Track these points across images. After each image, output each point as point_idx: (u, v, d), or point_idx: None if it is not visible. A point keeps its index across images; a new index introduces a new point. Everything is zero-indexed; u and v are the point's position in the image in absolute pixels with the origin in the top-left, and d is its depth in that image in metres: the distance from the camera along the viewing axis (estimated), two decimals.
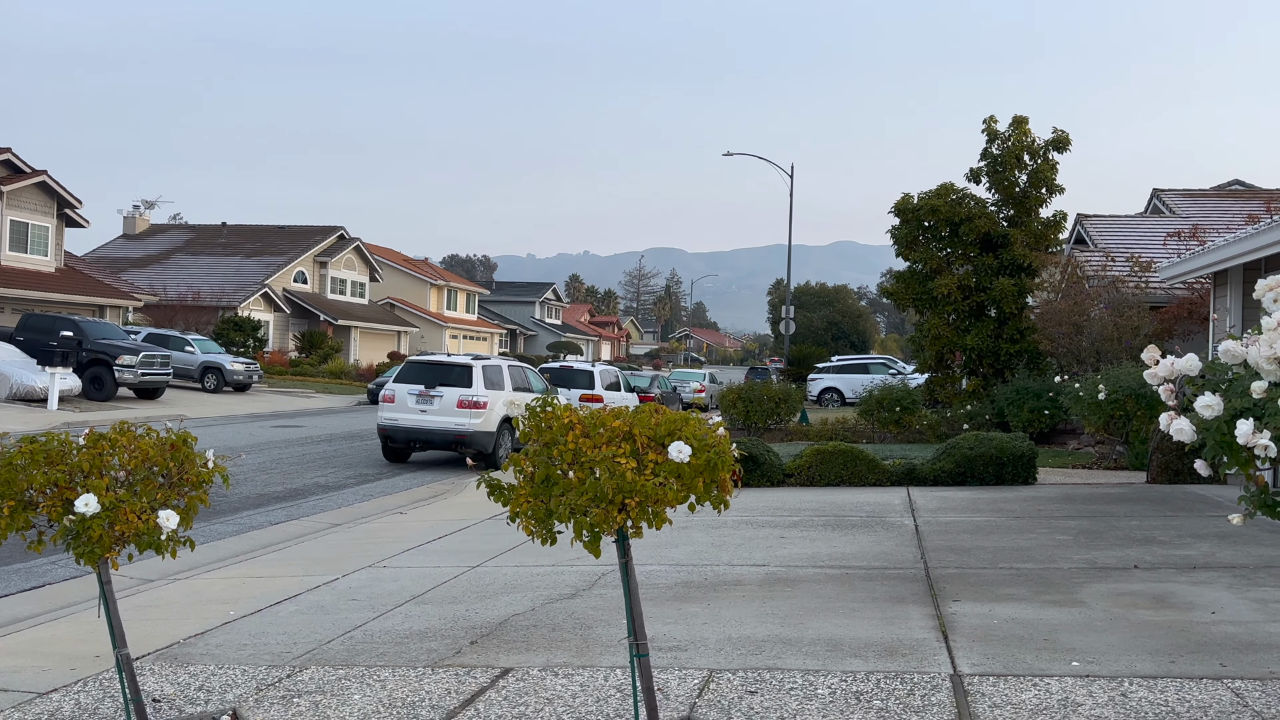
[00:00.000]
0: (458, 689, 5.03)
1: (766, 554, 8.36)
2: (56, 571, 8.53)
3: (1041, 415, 18.32)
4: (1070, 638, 5.64)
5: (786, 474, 13.05)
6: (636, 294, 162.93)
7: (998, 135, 22.97)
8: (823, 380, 36.94)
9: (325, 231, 54.48)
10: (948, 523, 9.83)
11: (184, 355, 33.33)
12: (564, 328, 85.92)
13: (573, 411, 4.00)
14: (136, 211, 57.17)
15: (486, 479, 4.04)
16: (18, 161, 33.21)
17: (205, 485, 4.12)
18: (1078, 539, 8.77)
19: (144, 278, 46.35)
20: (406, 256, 68.69)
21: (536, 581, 7.50)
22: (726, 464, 3.85)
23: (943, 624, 5.99)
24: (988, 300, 22.03)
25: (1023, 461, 12.83)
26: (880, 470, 12.91)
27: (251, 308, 46.22)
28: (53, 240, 34.78)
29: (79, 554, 3.87)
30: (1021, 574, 7.37)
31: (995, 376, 21.99)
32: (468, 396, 16.69)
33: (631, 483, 3.73)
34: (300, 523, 11.42)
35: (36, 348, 25.75)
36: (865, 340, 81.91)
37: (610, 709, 4.69)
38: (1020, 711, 4.48)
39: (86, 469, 3.87)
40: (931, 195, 22.84)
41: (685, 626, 6.07)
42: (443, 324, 61.69)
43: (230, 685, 5.19)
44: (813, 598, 6.76)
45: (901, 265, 24.37)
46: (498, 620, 6.39)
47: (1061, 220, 23.16)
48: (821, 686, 4.89)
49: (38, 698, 5.06)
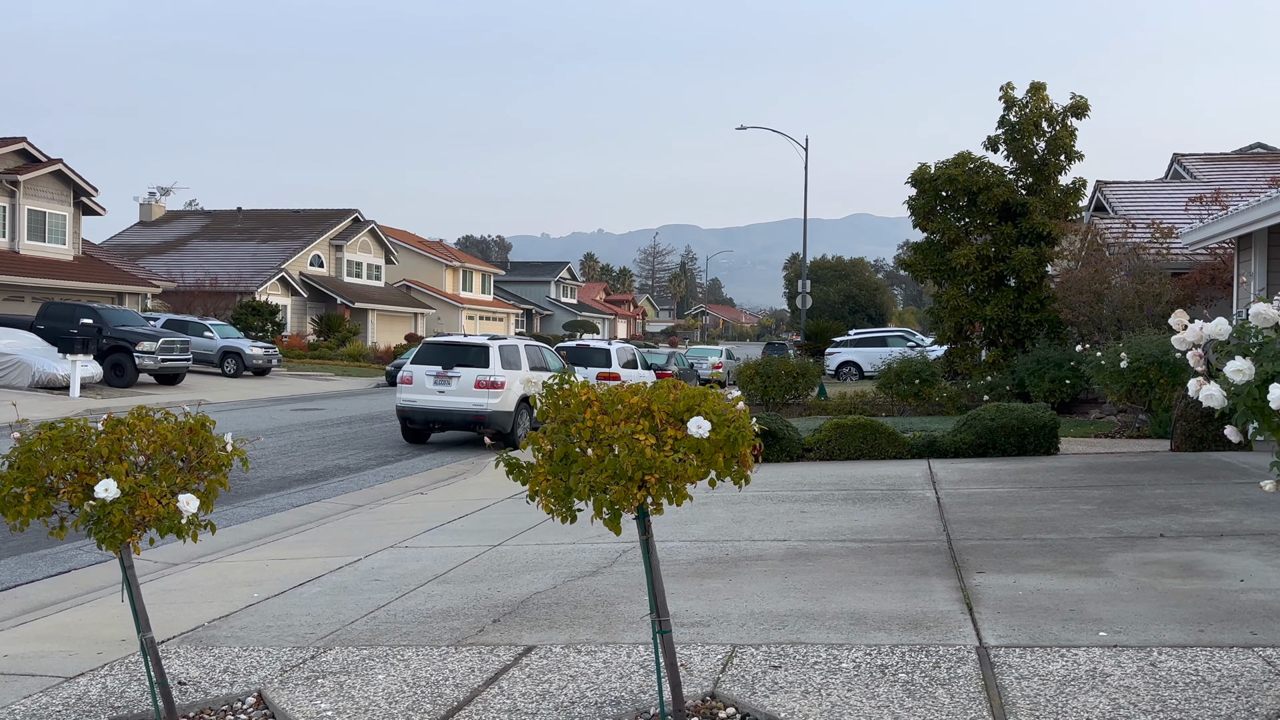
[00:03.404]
0: (481, 667, 5.04)
1: (787, 529, 8.33)
2: (81, 557, 8.60)
3: (1062, 385, 18.16)
4: (1097, 608, 5.58)
5: (805, 448, 13.00)
6: (651, 272, 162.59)
7: (1015, 102, 22.66)
8: (840, 354, 36.77)
9: (340, 215, 54.55)
10: (970, 494, 9.76)
11: (203, 340, 33.51)
12: (580, 307, 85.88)
13: (590, 389, 3.96)
14: (152, 198, 57.41)
15: (505, 458, 4.01)
16: (33, 151, 33.32)
17: (224, 468, 4.11)
18: (1102, 508, 8.69)
19: (161, 264, 46.59)
20: (421, 238, 68.73)
21: (557, 559, 7.50)
22: (747, 439, 3.80)
23: (967, 596, 5.95)
24: (1007, 270, 21.81)
25: (1044, 432, 12.73)
26: (900, 443, 12.84)
27: (269, 292, 46.41)
28: (70, 229, 34.96)
29: (100, 539, 3.88)
30: (1046, 545, 7.31)
31: (1015, 347, 21.80)
32: (485, 377, 16.70)
33: (651, 459, 3.69)
34: (322, 504, 11.48)
35: (57, 336, 25.94)
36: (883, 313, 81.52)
37: (634, 685, 4.68)
38: (1048, 683, 4.44)
39: (106, 454, 3.87)
40: (949, 165, 22.57)
41: (707, 602, 6.06)
42: (459, 305, 61.77)
43: (255, 667, 5.21)
44: (835, 571, 6.73)
45: (919, 236, 24.14)
46: (520, 598, 6.39)
47: (1081, 187, 22.86)
48: (846, 660, 4.86)
49: (65, 682, 5.10)
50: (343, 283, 52.63)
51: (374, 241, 56.35)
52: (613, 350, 22.99)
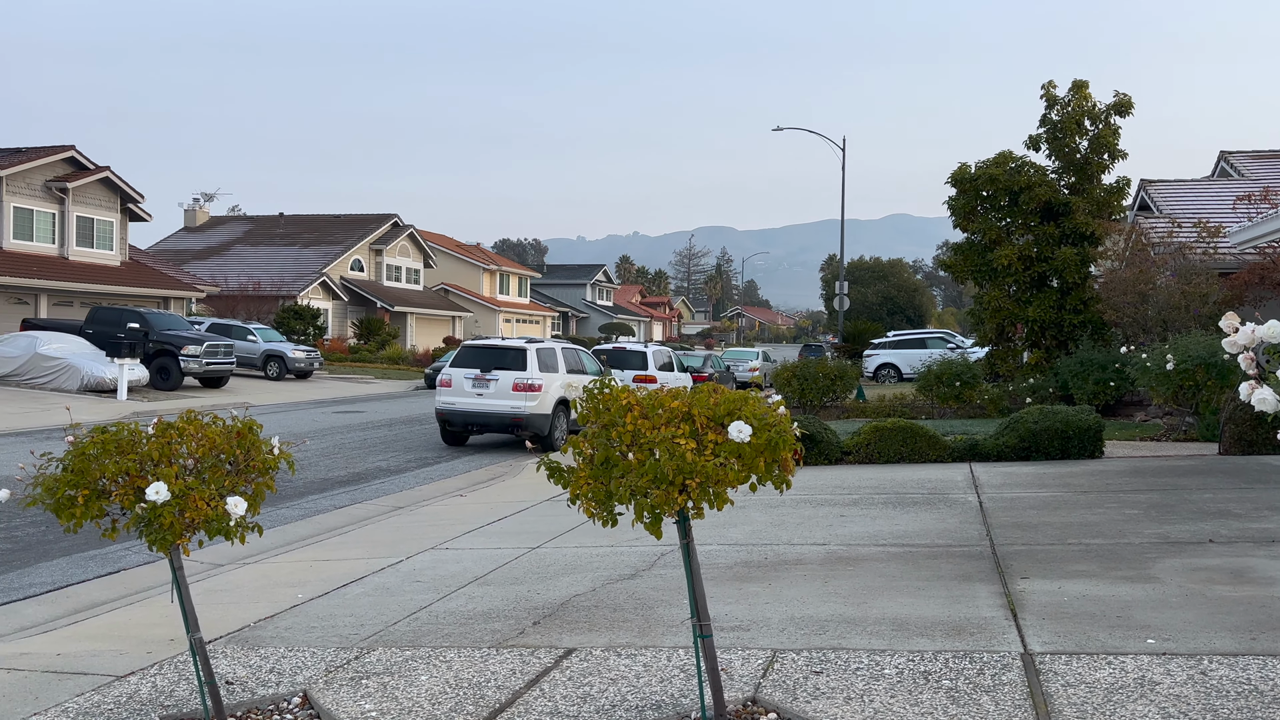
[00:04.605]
0: (522, 669, 5.06)
1: (827, 533, 8.28)
2: (130, 558, 8.76)
3: (1107, 387, 17.88)
4: (1145, 614, 5.49)
5: (844, 451, 12.92)
6: (687, 274, 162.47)
7: (1057, 101, 22.37)
8: (879, 356, 36.45)
9: (380, 220, 55.11)
10: (1013, 498, 9.64)
11: (246, 344, 34.00)
12: (615, 309, 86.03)
13: (631, 393, 3.97)
14: (196, 204, 58.41)
15: (546, 462, 4.03)
16: (82, 159, 34.03)
17: (271, 471, 4.17)
18: (1148, 513, 8.54)
19: (205, 269, 47.36)
20: (459, 242, 69.24)
21: (596, 562, 7.52)
22: (788, 443, 3.79)
23: (1011, 602, 5.88)
24: (1049, 270, 21.53)
25: (1089, 434, 12.53)
26: (941, 446, 12.71)
27: (310, 296, 47.00)
28: (117, 235, 35.65)
29: (151, 541, 3.95)
30: (1091, 550, 7.20)
31: (1058, 348, 21.50)
32: (523, 379, 16.79)
33: (692, 463, 3.69)
34: (363, 506, 11.60)
35: (105, 340, 26.48)
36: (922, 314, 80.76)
37: (674, 689, 4.68)
38: (1095, 690, 4.37)
39: (156, 457, 3.94)
40: (989, 164, 22.34)
41: (747, 606, 6.04)
42: (496, 308, 62.14)
43: (300, 667, 5.28)
44: (876, 576, 6.68)
45: (958, 237, 23.90)
46: (559, 601, 6.42)
47: (1125, 186, 22.50)
48: (888, 666, 4.83)
49: (116, 680, 5.20)
50: (382, 286, 53.17)
51: (413, 246, 56.86)
52: (649, 353, 23.00)
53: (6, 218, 31.42)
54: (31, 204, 32.32)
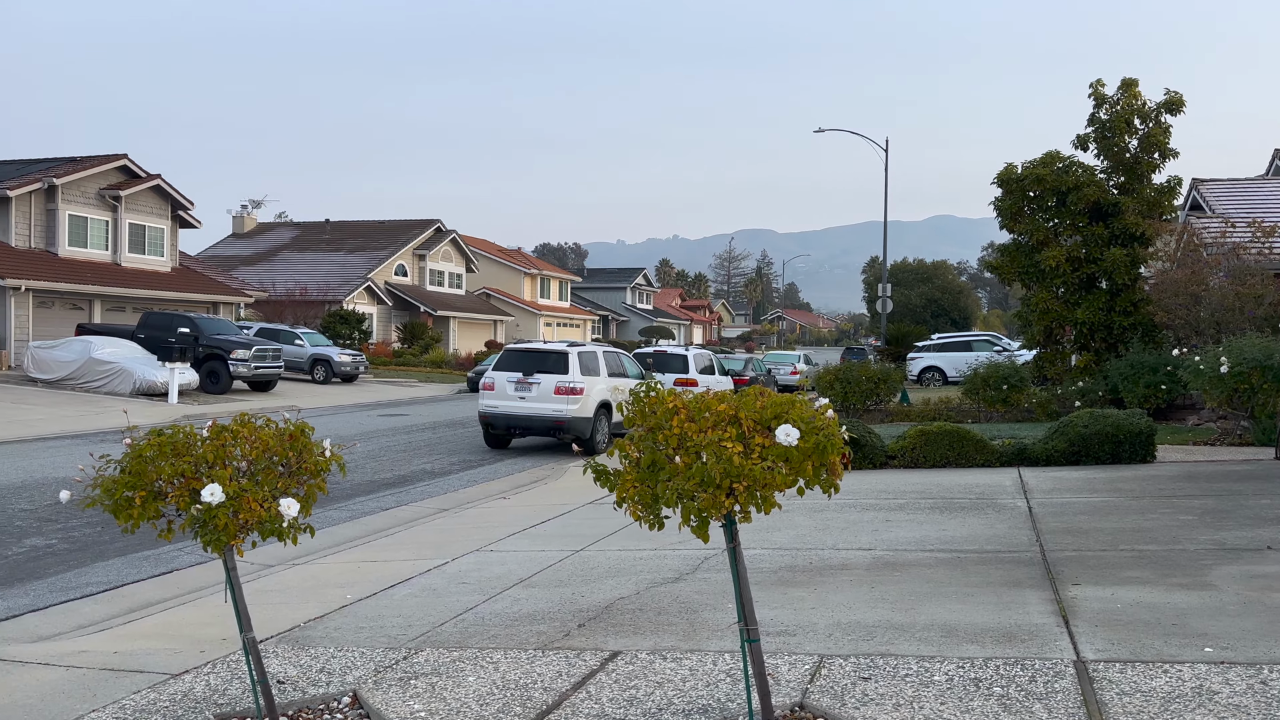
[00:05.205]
0: (568, 671, 5.08)
1: (872, 538, 8.21)
2: (182, 558, 8.92)
3: (1158, 390, 17.54)
4: (1201, 622, 5.38)
5: (889, 455, 12.80)
6: (727, 276, 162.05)
7: (1105, 99, 22.00)
8: (923, 359, 36.07)
9: (423, 225, 55.66)
10: (1063, 504, 9.49)
11: (294, 348, 34.51)
12: (655, 312, 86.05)
13: (677, 396, 3.97)
14: (244, 211, 59.55)
15: (593, 465, 4.04)
16: (134, 167, 34.77)
17: (323, 474, 4.23)
18: (1203, 519, 8.36)
19: (254, 275, 48.17)
20: (500, 246, 69.69)
21: (639, 565, 7.52)
22: (836, 447, 3.77)
23: (1062, 608, 5.78)
24: (1098, 272, 21.17)
25: (1141, 439, 12.31)
26: (988, 450, 12.55)
27: (355, 301, 47.59)
28: (168, 241, 36.37)
29: (206, 541, 4.02)
30: (1144, 556, 7.06)
31: (1108, 351, 21.13)
32: (565, 383, 16.85)
33: (739, 467, 3.68)
34: (409, 508, 11.72)
35: (156, 344, 27.00)
36: (967, 317, 79.81)
37: (721, 694, 4.66)
38: (1151, 700, 4.29)
39: (211, 460, 4.01)
40: (1036, 164, 22.03)
41: (792, 611, 6.00)
42: (537, 312, 62.45)
43: (350, 667, 5.34)
44: (923, 582, 6.61)
45: (1004, 238, 23.58)
46: (603, 603, 6.43)
47: (1176, 186, 22.05)
48: (938, 673, 4.77)
49: (171, 679, 5.30)
50: (425, 291, 53.68)
51: (455, 251, 57.34)
52: (690, 356, 22.96)
53: (62, 225, 32.20)
54: (85, 212, 33.09)
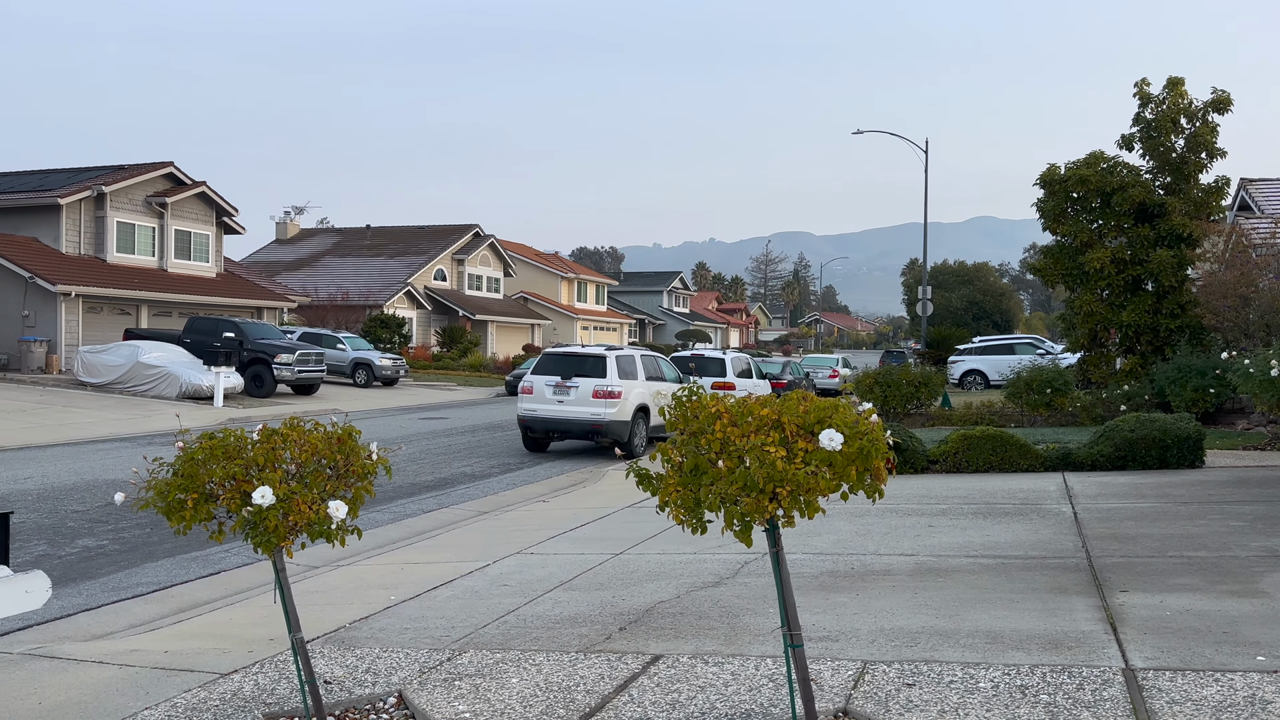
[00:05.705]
0: (610, 674, 5.10)
1: (915, 543, 8.15)
2: (230, 559, 9.07)
3: (1206, 394, 17.22)
4: (1253, 630, 5.28)
5: (931, 460, 12.69)
6: (764, 279, 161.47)
7: (1150, 99, 21.66)
8: (964, 362, 35.68)
9: (461, 230, 56.13)
10: (1109, 509, 9.35)
11: (336, 352, 34.95)
12: (692, 316, 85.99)
13: (719, 400, 3.97)
14: (287, 217, 60.25)
15: (635, 469, 4.06)
16: (180, 174, 35.44)
17: (370, 476, 4.28)
18: (1254, 525, 8.20)
19: (296, 280, 48.84)
20: (537, 251, 70.05)
21: (679, 569, 7.53)
22: (880, 451, 3.75)
23: (1110, 615, 5.70)
24: (1144, 274, 20.84)
25: (1189, 443, 12.09)
26: (1032, 455, 12.39)
27: (396, 305, 48.09)
28: (213, 247, 37.00)
29: (256, 543, 4.09)
30: (1194, 563, 6.94)
31: (1154, 354, 20.79)
32: (603, 386, 16.90)
33: (782, 471, 3.68)
34: (450, 510, 11.82)
35: (202, 349, 27.49)
36: (1009, 320, 78.76)
37: (763, 699, 4.66)
38: (1202, 709, 4.22)
39: (261, 463, 4.08)
40: (1080, 165, 21.73)
41: (834, 617, 5.98)
42: (574, 316, 62.68)
43: (395, 668, 5.40)
44: (967, 588, 6.55)
45: (1047, 239, 23.29)
46: (644, 607, 6.44)
47: (1224, 186, 21.65)
48: (983, 680, 4.73)
49: (220, 678, 5.39)
50: (464, 295, 54.10)
51: (493, 255, 57.74)
52: (727, 360, 22.92)
53: (110, 232, 32.89)
54: (133, 219, 33.77)
